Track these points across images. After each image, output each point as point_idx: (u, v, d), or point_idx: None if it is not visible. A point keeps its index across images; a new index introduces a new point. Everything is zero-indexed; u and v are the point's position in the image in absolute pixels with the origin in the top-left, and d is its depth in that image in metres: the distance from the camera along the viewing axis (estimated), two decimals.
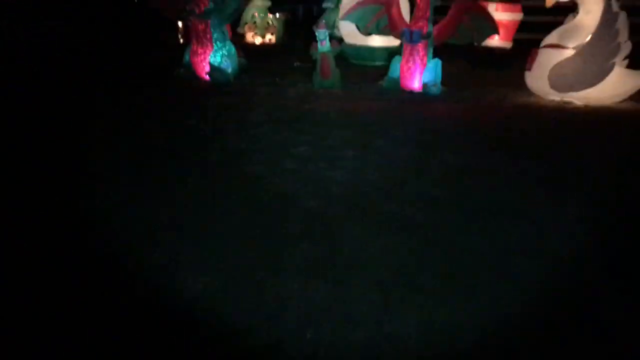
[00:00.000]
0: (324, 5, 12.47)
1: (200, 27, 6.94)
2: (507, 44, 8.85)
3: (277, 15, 14.05)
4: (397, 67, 6.57)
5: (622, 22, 5.65)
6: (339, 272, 2.34)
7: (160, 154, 4.01)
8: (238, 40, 12.92)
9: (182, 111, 5.48)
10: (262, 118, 5.20)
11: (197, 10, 6.89)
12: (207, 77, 7.02)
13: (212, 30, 6.94)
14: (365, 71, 8.39)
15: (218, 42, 6.99)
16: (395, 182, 3.45)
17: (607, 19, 5.48)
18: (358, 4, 6.82)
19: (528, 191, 3.33)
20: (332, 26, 11.08)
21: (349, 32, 8.89)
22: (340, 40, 9.30)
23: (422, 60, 6.36)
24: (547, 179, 3.55)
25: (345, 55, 9.28)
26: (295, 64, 9.01)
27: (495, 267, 2.41)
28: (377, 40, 8.87)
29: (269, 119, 5.16)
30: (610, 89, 5.67)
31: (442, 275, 2.33)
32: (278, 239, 2.64)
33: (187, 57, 7.20)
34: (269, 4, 13.91)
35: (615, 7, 5.57)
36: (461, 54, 9.21)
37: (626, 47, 5.73)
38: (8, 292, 2.19)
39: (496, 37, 8.69)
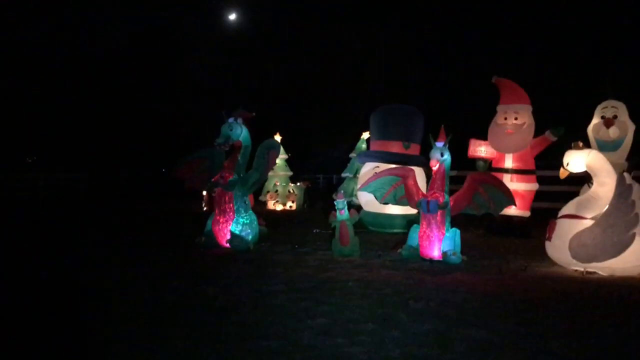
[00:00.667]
0: (343, 174, 13.03)
1: (224, 197, 7.20)
2: (525, 213, 8.94)
3: (298, 184, 14.65)
4: (415, 236, 6.62)
5: (638, 193, 5.73)
6: None
7: (174, 326, 3.92)
8: (260, 207, 13.37)
9: (200, 280, 5.48)
10: (280, 287, 5.15)
11: (221, 182, 7.20)
12: (228, 245, 7.12)
13: (234, 200, 7.18)
14: (384, 239, 8.46)
15: (240, 211, 7.19)
16: None
17: (622, 192, 5.57)
18: (375, 175, 7.08)
19: None
20: (350, 194, 11.46)
21: (368, 200, 9.12)
22: (359, 208, 9.53)
23: (440, 229, 6.42)
24: (573, 356, 3.35)
25: (364, 222, 9.45)
26: (315, 231, 9.16)
27: None
28: (396, 209, 9.05)
29: (287, 288, 5.10)
30: (633, 259, 5.59)
31: None
32: None
33: (208, 226, 7.37)
34: (290, 173, 14.57)
35: (628, 179, 5.70)
36: (479, 223, 9.32)
37: None
38: None
39: (513, 206, 8.81)
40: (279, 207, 14.24)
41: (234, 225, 7.14)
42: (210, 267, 6.17)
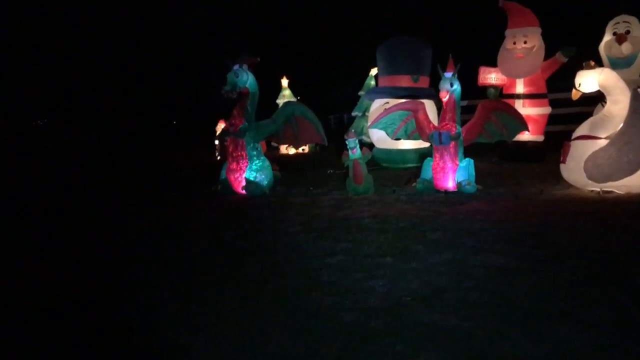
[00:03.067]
0: (353, 113, 12.93)
1: (236, 145, 7.20)
2: (539, 138, 8.86)
3: None
4: (429, 169, 6.61)
5: None
6: None
7: (197, 269, 4.01)
8: (272, 152, 13.40)
9: (219, 226, 5.57)
10: (298, 228, 5.22)
11: (232, 130, 7.19)
12: (244, 191, 7.18)
13: (247, 147, 7.18)
14: (398, 174, 8.47)
15: (253, 158, 7.21)
16: (436, 290, 3.34)
17: (636, 108, 5.47)
18: (385, 111, 7.02)
19: (576, 291, 3.17)
20: (361, 132, 11.40)
21: (379, 137, 9.07)
22: (371, 146, 9.50)
23: (453, 160, 6.40)
24: (594, 276, 3.40)
25: (377, 160, 9.45)
26: (329, 172, 9.18)
27: None
28: (407, 143, 9.02)
29: (304, 229, 5.17)
30: None
31: None
32: None
33: (223, 174, 7.42)
34: None
35: None
36: (494, 151, 9.27)
37: None
38: None
39: (526, 132, 8.73)
40: (292, 151, 14.26)
41: (248, 172, 7.17)
42: (227, 214, 6.25)
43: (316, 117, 7.32)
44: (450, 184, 6.46)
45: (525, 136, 8.70)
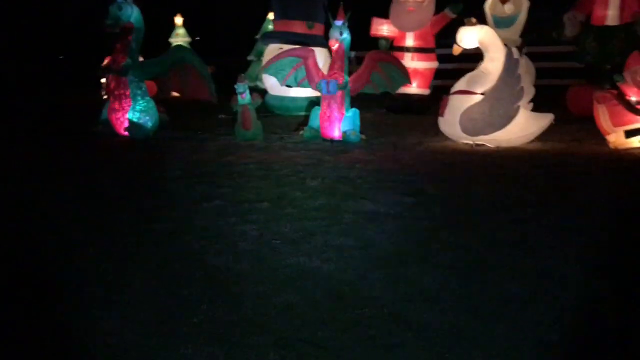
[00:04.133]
0: (248, 58, 12.69)
1: (119, 83, 6.84)
2: (425, 91, 9.17)
3: None
4: (316, 117, 6.66)
5: (524, 68, 5.98)
6: (236, 333, 2.26)
7: (66, 215, 3.85)
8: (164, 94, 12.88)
9: (96, 169, 5.35)
10: (178, 173, 5.12)
11: (114, 67, 6.81)
12: (126, 133, 6.89)
13: (130, 86, 6.85)
14: (289, 122, 8.48)
15: (137, 98, 6.89)
16: (305, 234, 3.42)
17: (509, 65, 5.79)
18: (276, 56, 6.94)
19: (434, 235, 3.37)
20: (255, 78, 11.24)
21: (272, 83, 8.97)
22: (264, 91, 9.40)
23: (340, 109, 6.49)
24: (454, 221, 3.63)
25: (269, 106, 9.39)
26: (220, 117, 9.00)
27: (395, 315, 2.39)
28: (300, 91, 9.00)
29: (184, 174, 5.09)
30: (517, 131, 5.94)
31: (342, 329, 2.29)
32: (178, 302, 2.54)
33: (104, 114, 7.07)
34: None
35: (516, 54, 5.91)
36: (381, 102, 9.49)
37: (530, 92, 6.06)
38: None
39: (414, 84, 9.01)
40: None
41: (131, 113, 6.86)
42: (105, 157, 6.01)
43: (207, 70, 7.09)
44: (336, 133, 6.56)
45: (412, 89, 8.96)
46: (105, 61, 11.34)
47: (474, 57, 6.54)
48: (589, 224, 3.56)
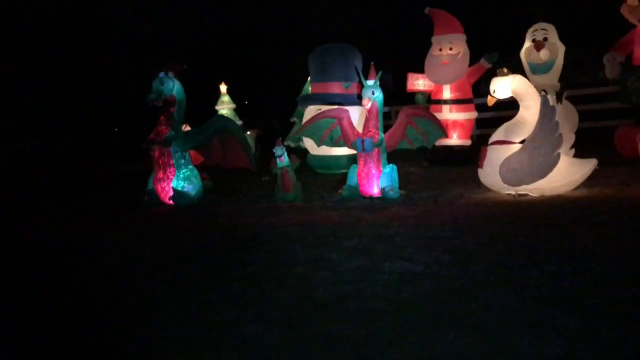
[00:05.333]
0: (291, 119, 12.96)
1: (163, 154, 7.11)
2: (466, 142, 9.10)
3: (248, 132, 14.48)
4: (354, 176, 6.69)
5: (562, 115, 5.87)
6: None
7: (108, 283, 3.96)
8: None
9: (138, 239, 5.52)
10: (218, 239, 5.23)
11: (158, 139, 7.10)
12: (171, 201, 7.09)
13: (173, 155, 7.10)
14: (331, 180, 8.54)
15: (180, 167, 7.13)
16: (338, 298, 3.39)
17: (545, 113, 5.69)
18: (311, 119, 7.08)
19: (470, 295, 3.27)
20: (297, 139, 11.44)
21: (313, 143, 9.11)
22: (305, 151, 9.55)
23: (377, 166, 6.50)
24: (492, 281, 3.52)
25: (311, 166, 9.51)
26: (263, 179, 9.16)
27: None
28: (341, 150, 9.09)
29: (224, 240, 5.18)
30: (560, 179, 5.79)
31: None
32: None
33: (150, 184, 7.31)
34: (240, 122, 14.36)
35: (552, 101, 5.82)
36: (422, 156, 9.47)
37: (570, 138, 5.94)
38: None
39: (455, 135, 8.97)
40: None
41: (175, 181, 7.09)
42: (149, 226, 6.20)
43: (247, 140, 7.29)
44: (375, 190, 6.56)
45: (453, 140, 8.93)
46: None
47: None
48: (636, 277, 3.38)
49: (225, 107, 13.86)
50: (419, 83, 9.17)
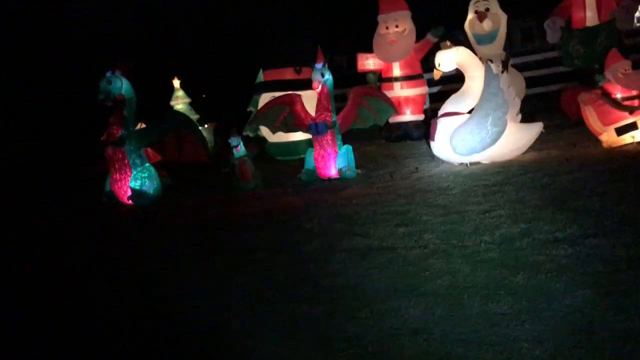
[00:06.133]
0: (248, 109, 12.91)
1: (117, 154, 7.03)
2: (420, 117, 9.22)
3: (206, 125, 14.36)
4: (311, 159, 6.75)
5: (505, 82, 6.02)
6: None
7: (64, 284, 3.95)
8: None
9: (102, 240, 5.50)
10: (180, 233, 5.24)
11: (110, 140, 7.01)
12: (130, 201, 7.03)
13: (128, 155, 7.03)
14: (291, 166, 8.57)
15: (136, 166, 7.06)
16: (297, 279, 3.47)
17: (490, 81, 5.83)
18: (263, 107, 7.10)
19: (421, 264, 3.38)
20: (255, 129, 11.41)
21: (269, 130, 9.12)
22: (264, 140, 9.56)
23: (332, 148, 6.57)
24: (440, 250, 3.64)
25: (270, 154, 9.52)
26: (223, 171, 9.13)
27: (378, 353, 2.40)
28: (298, 135, 9.12)
29: (184, 234, 5.20)
30: (508, 144, 5.96)
31: None
32: None
33: (107, 186, 7.23)
34: (196, 116, 14.23)
35: (495, 69, 5.95)
36: (377, 134, 9.59)
37: (515, 104, 6.09)
38: None
39: (408, 111, 9.10)
40: None
41: (133, 181, 7.02)
42: (112, 227, 6.16)
43: (202, 134, 7.26)
44: (332, 172, 6.63)
45: (406, 117, 9.05)
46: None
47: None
48: (579, 234, 3.54)
49: (180, 102, 13.71)
50: (369, 63, 9.22)
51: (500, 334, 2.42)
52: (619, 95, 5.83)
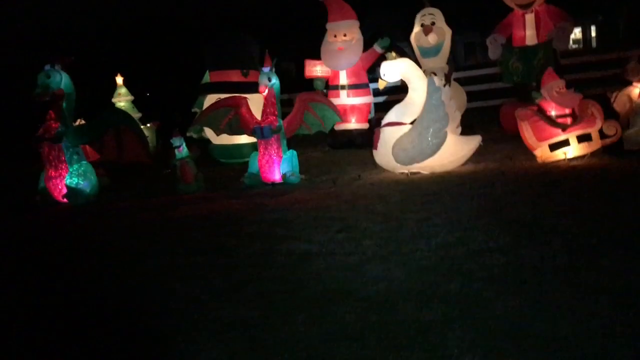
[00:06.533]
0: (192, 110, 12.73)
1: (53, 150, 6.79)
2: (364, 125, 9.35)
3: (148, 125, 14.05)
4: (255, 163, 6.72)
5: (448, 95, 6.19)
6: None
7: None
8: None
9: (34, 240, 5.28)
10: (116, 236, 5.11)
11: (47, 135, 6.77)
12: (65, 200, 6.80)
13: (65, 152, 6.80)
14: (235, 169, 8.52)
15: (73, 163, 6.84)
16: (235, 284, 3.44)
17: (432, 94, 5.98)
18: (208, 108, 7.03)
19: (358, 270, 3.42)
20: (198, 130, 11.27)
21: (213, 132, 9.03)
22: (208, 141, 9.45)
23: (277, 152, 6.57)
24: (380, 254, 3.69)
25: (214, 156, 9.43)
26: (164, 172, 8.97)
27: (312, 358, 2.41)
28: (243, 138, 9.07)
29: (122, 236, 5.07)
30: (448, 155, 6.12)
31: None
32: None
33: (42, 183, 6.97)
34: (139, 114, 13.91)
35: (437, 82, 6.12)
36: (322, 140, 9.66)
37: (456, 117, 6.27)
38: None
39: (353, 119, 9.21)
40: None
41: (69, 178, 6.79)
42: (45, 227, 5.94)
43: (143, 133, 7.11)
44: (276, 176, 6.63)
45: (351, 125, 9.16)
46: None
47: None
48: (511, 243, 3.67)
49: (122, 99, 13.37)
50: (316, 69, 9.30)
51: (433, 340, 2.47)
52: (553, 113, 6.09)
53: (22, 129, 10.30)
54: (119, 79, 13.89)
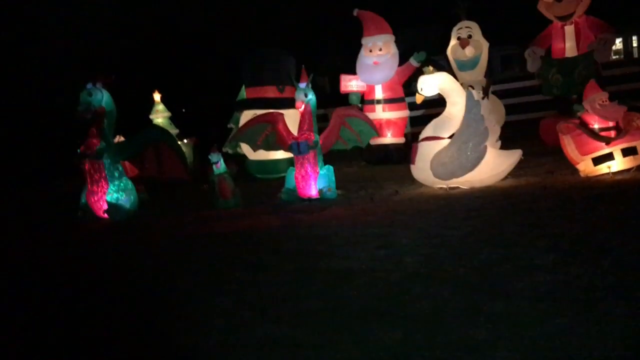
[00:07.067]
0: (228, 126, 12.87)
1: (94, 167, 6.93)
2: (400, 140, 9.29)
3: (185, 141, 14.25)
4: (292, 178, 6.73)
5: (487, 108, 6.11)
6: None
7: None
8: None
9: (76, 256, 5.37)
10: (154, 252, 5.16)
11: (89, 152, 6.92)
12: (106, 215, 6.92)
13: (106, 168, 6.93)
14: (271, 184, 8.54)
15: (114, 180, 6.96)
16: (276, 300, 3.42)
17: (470, 108, 5.90)
18: (245, 124, 7.08)
19: (401, 287, 3.37)
20: (234, 145, 11.37)
21: (250, 148, 9.09)
22: (244, 157, 9.52)
23: (314, 168, 6.57)
24: (423, 273, 3.63)
25: (250, 171, 9.49)
26: (202, 187, 9.06)
27: None
28: (279, 153, 9.11)
29: (160, 253, 5.12)
30: (488, 170, 6.02)
31: None
32: None
33: (83, 198, 7.11)
34: (176, 131, 14.13)
35: (476, 96, 6.04)
36: (358, 155, 9.63)
37: (495, 131, 6.18)
38: None
39: (389, 134, 9.16)
40: None
41: (109, 195, 6.92)
42: (85, 243, 6.04)
43: (182, 149, 7.21)
44: (313, 192, 6.62)
45: (387, 139, 9.11)
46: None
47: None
48: (555, 262, 3.56)
49: (159, 115, 13.60)
50: (351, 84, 9.30)
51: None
52: (596, 126, 5.95)
53: (64, 146, 10.55)
54: (157, 96, 14.15)
